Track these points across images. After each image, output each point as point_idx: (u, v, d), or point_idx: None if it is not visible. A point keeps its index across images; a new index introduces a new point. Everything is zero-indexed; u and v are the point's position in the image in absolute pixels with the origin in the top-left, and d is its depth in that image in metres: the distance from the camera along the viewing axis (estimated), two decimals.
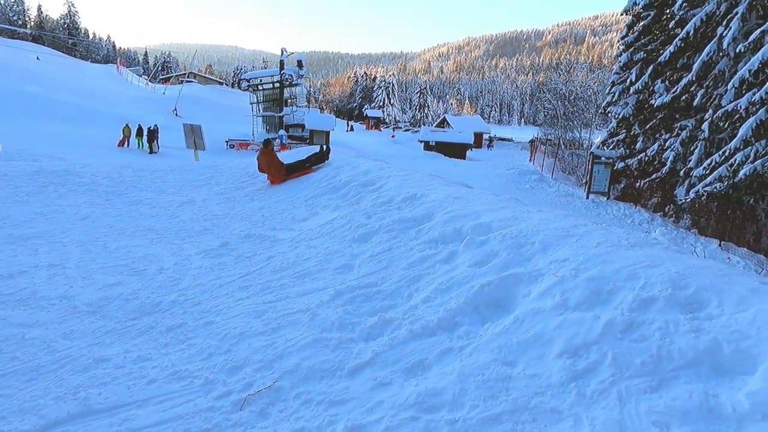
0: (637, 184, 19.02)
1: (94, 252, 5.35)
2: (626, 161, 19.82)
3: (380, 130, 71.79)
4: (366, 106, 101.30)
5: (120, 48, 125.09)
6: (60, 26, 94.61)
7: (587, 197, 19.79)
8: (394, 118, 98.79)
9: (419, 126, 76.28)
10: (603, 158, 20.06)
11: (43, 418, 2.48)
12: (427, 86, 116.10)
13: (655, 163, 18.33)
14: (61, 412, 2.53)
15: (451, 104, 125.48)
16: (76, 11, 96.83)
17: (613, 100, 21.26)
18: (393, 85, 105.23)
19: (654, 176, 18.06)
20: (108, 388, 2.73)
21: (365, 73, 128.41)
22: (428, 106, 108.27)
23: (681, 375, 2.23)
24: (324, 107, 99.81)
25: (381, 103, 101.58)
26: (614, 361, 2.32)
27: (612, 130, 21.64)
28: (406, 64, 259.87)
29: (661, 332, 2.43)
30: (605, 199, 19.70)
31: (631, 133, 19.99)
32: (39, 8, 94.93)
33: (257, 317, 3.54)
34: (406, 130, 71.61)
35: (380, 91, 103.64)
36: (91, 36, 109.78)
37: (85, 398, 2.63)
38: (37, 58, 54.31)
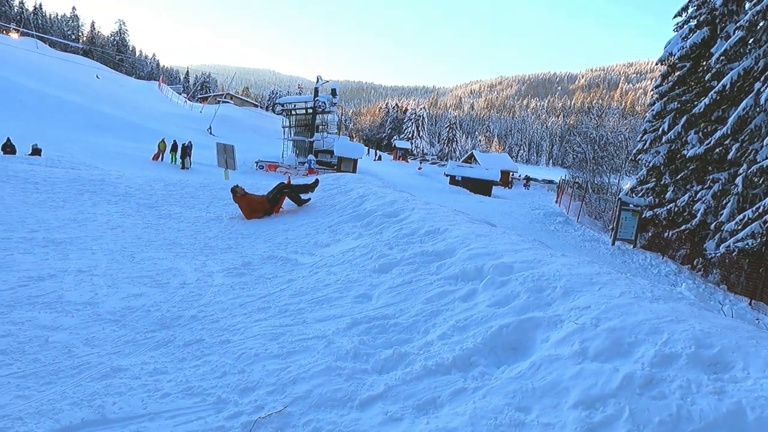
0: (666, 234, 18.64)
1: (121, 261, 5.50)
2: (655, 210, 19.49)
3: (407, 162, 72.43)
4: (395, 137, 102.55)
5: (163, 66, 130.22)
6: (110, 42, 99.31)
7: (613, 244, 19.45)
8: (422, 151, 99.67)
9: (446, 160, 76.67)
10: (631, 205, 19.79)
11: (58, 422, 2.53)
12: (457, 121, 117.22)
13: (685, 214, 17.98)
14: (76, 418, 2.57)
15: (480, 140, 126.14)
16: (126, 29, 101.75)
17: (645, 147, 21.09)
18: (423, 118, 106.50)
19: (683, 227, 17.70)
20: (123, 398, 2.77)
21: (396, 104, 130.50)
22: (456, 140, 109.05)
23: None
24: (354, 135, 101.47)
25: (410, 135, 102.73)
26: (631, 417, 2.26)
27: (642, 178, 21.38)
28: (438, 98, 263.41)
29: (682, 391, 2.36)
30: (631, 246, 19.33)
31: (662, 183, 19.72)
32: (92, 24, 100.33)
33: (273, 340, 3.57)
34: (433, 163, 72.10)
35: (410, 123, 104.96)
36: (137, 53, 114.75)
37: (100, 406, 2.67)
38: (97, 77, 56.77)
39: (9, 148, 18.15)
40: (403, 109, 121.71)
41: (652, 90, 22.26)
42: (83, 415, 2.58)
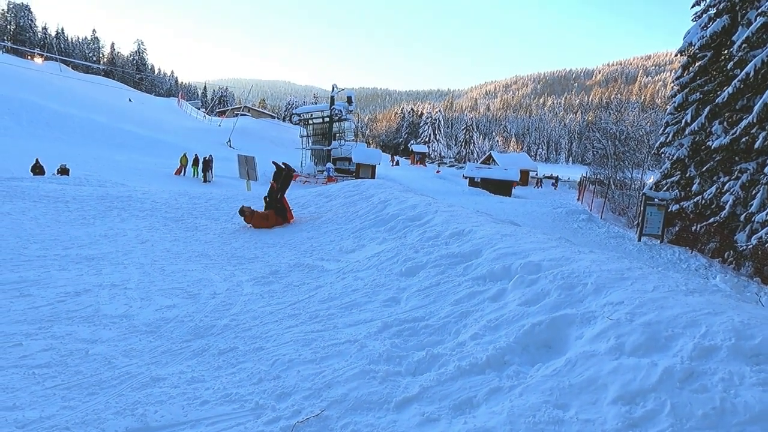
0: (694, 228, 18.22)
1: (152, 274, 5.62)
2: (681, 204, 19.07)
3: (425, 165, 72.35)
4: (412, 142, 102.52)
5: (182, 82, 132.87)
6: (129, 62, 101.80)
7: (639, 239, 19.08)
8: (440, 154, 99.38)
9: (464, 162, 76.33)
10: (656, 200, 19.38)
11: (104, 431, 2.60)
12: (474, 123, 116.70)
13: (713, 206, 17.55)
14: (120, 427, 2.64)
15: (497, 141, 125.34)
16: (144, 48, 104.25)
17: (667, 140, 20.67)
18: (439, 121, 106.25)
19: (712, 220, 17.27)
20: (164, 406, 2.83)
21: (412, 109, 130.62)
22: (474, 142, 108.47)
23: (746, 430, 2.11)
24: (371, 142, 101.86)
25: (427, 139, 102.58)
26: (673, 411, 2.23)
27: (666, 172, 20.95)
28: (453, 101, 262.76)
29: (725, 383, 2.32)
30: (658, 242, 18.93)
31: (687, 175, 19.29)
32: (112, 45, 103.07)
33: (306, 345, 3.61)
34: (451, 166, 71.83)
35: (426, 126, 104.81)
36: (156, 71, 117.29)
37: (143, 415, 2.73)
38: (130, 100, 58.22)
39: (38, 169, 18.69)
40: (419, 113, 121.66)
41: (673, 82, 21.83)
42: (127, 424, 2.65)
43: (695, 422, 2.17)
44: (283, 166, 9.60)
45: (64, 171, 18.80)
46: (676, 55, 21.36)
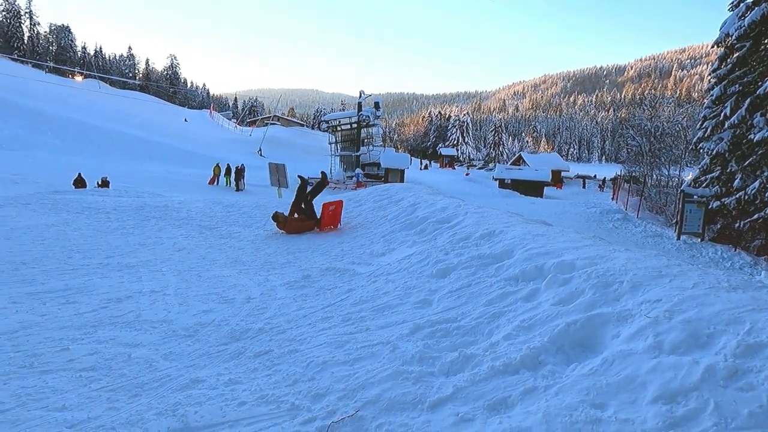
0: (737, 225, 17.52)
1: (189, 281, 5.77)
2: (722, 200, 18.38)
3: (454, 168, 71.93)
4: (440, 145, 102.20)
5: (213, 94, 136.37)
6: (163, 77, 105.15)
7: (678, 238, 18.47)
8: (468, 156, 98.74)
9: (493, 164, 75.60)
10: (696, 197, 18.73)
11: (147, 431, 2.69)
12: (502, 124, 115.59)
13: (757, 202, 16.85)
14: (162, 427, 2.72)
15: (527, 142, 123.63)
16: (177, 63, 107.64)
17: (706, 135, 19.98)
18: (467, 123, 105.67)
19: (756, 216, 16.59)
20: (203, 407, 2.90)
21: (439, 112, 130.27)
22: (503, 144, 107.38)
23: None
24: (399, 146, 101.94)
25: (455, 142, 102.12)
26: (717, 410, 2.16)
27: (705, 167, 20.24)
28: (481, 103, 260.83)
29: None
30: (699, 240, 18.29)
31: (728, 170, 18.59)
32: (147, 61, 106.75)
33: (339, 347, 3.64)
34: (480, 168, 71.22)
35: (454, 129, 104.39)
36: (189, 85, 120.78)
37: (183, 415, 2.81)
38: (185, 120, 60.29)
39: (80, 183, 19.46)
40: (446, 116, 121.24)
41: (709, 74, 21.11)
42: (168, 424, 2.73)
43: (741, 421, 2.10)
44: (305, 178, 9.77)
45: (104, 183, 19.52)
46: (712, 47, 20.68)
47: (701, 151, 21.13)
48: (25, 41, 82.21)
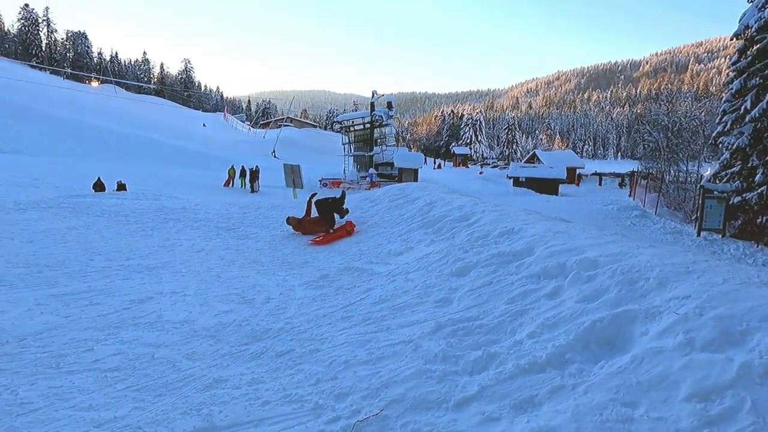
0: (759, 220, 17.16)
1: (209, 281, 5.81)
2: (744, 195, 18.00)
3: (467, 167, 71.65)
4: (453, 144, 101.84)
5: (227, 97, 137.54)
6: (177, 81, 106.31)
7: (698, 234, 18.14)
8: (482, 155, 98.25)
9: (507, 162, 75.06)
10: (716, 192, 18.37)
11: (173, 430, 2.70)
12: (516, 122, 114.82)
13: None
14: (188, 426, 2.73)
15: (541, 139, 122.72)
16: (191, 67, 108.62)
17: (725, 129, 19.59)
18: (480, 121, 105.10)
19: None
20: (227, 406, 2.91)
21: (452, 111, 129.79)
22: (517, 141, 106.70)
23: None
24: (412, 146, 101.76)
25: (468, 140, 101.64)
26: (754, 408, 2.10)
27: (725, 162, 19.85)
28: (494, 101, 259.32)
29: None
30: (720, 236, 17.94)
31: (749, 165, 18.20)
32: (161, 65, 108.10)
33: (360, 347, 3.63)
34: (494, 167, 70.76)
35: (467, 128, 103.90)
36: (203, 88, 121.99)
37: (208, 415, 2.82)
38: (204, 125, 61.11)
39: (99, 187, 19.71)
40: (459, 115, 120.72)
41: (728, 68, 20.71)
42: (194, 423, 2.74)
43: None
44: (329, 200, 9.31)
45: (121, 187, 19.75)
46: (731, 40, 20.28)
47: (720, 145, 20.73)
48: (43, 48, 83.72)
